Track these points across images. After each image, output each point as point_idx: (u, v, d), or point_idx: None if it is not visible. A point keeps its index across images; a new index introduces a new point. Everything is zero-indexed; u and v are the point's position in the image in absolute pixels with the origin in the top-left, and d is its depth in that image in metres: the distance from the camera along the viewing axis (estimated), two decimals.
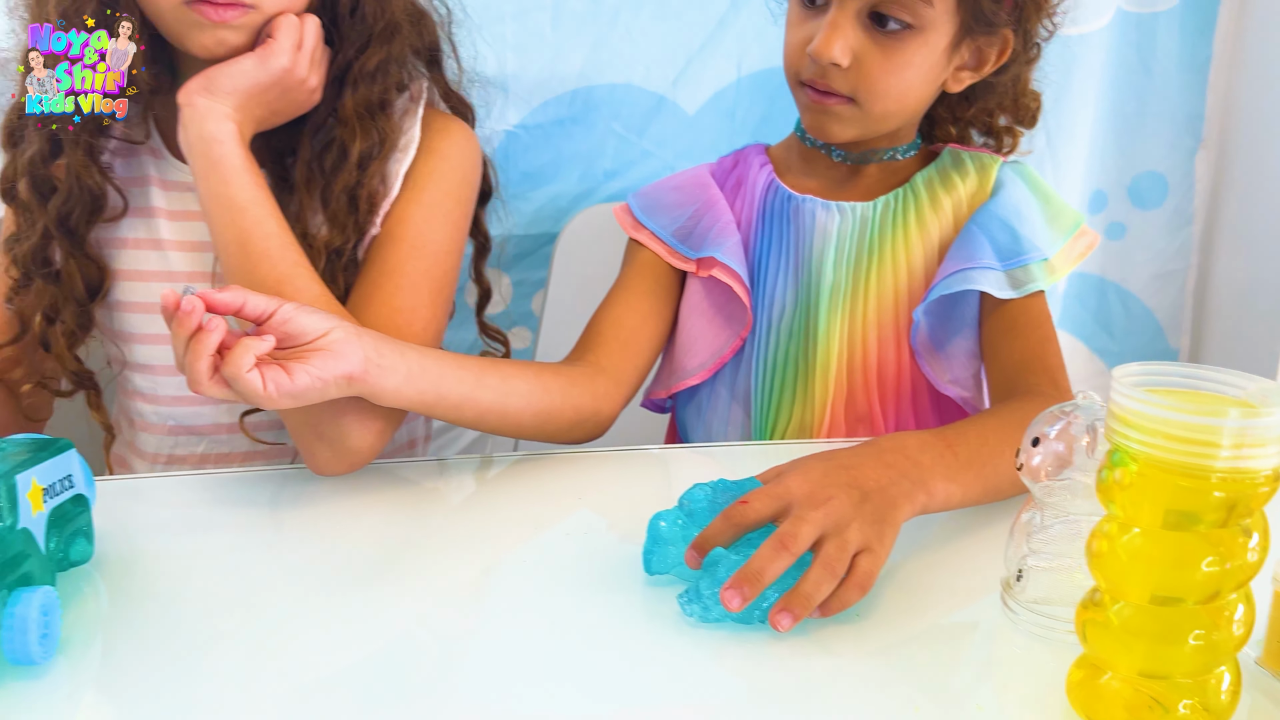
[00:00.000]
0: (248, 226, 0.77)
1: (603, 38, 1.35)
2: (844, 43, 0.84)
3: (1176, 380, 0.49)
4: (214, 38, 0.78)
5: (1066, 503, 0.58)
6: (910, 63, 0.85)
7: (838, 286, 0.93)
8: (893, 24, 0.84)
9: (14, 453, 0.58)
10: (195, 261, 0.87)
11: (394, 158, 0.86)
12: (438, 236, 0.87)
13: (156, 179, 0.88)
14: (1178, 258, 1.61)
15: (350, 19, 0.84)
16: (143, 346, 0.87)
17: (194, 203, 0.87)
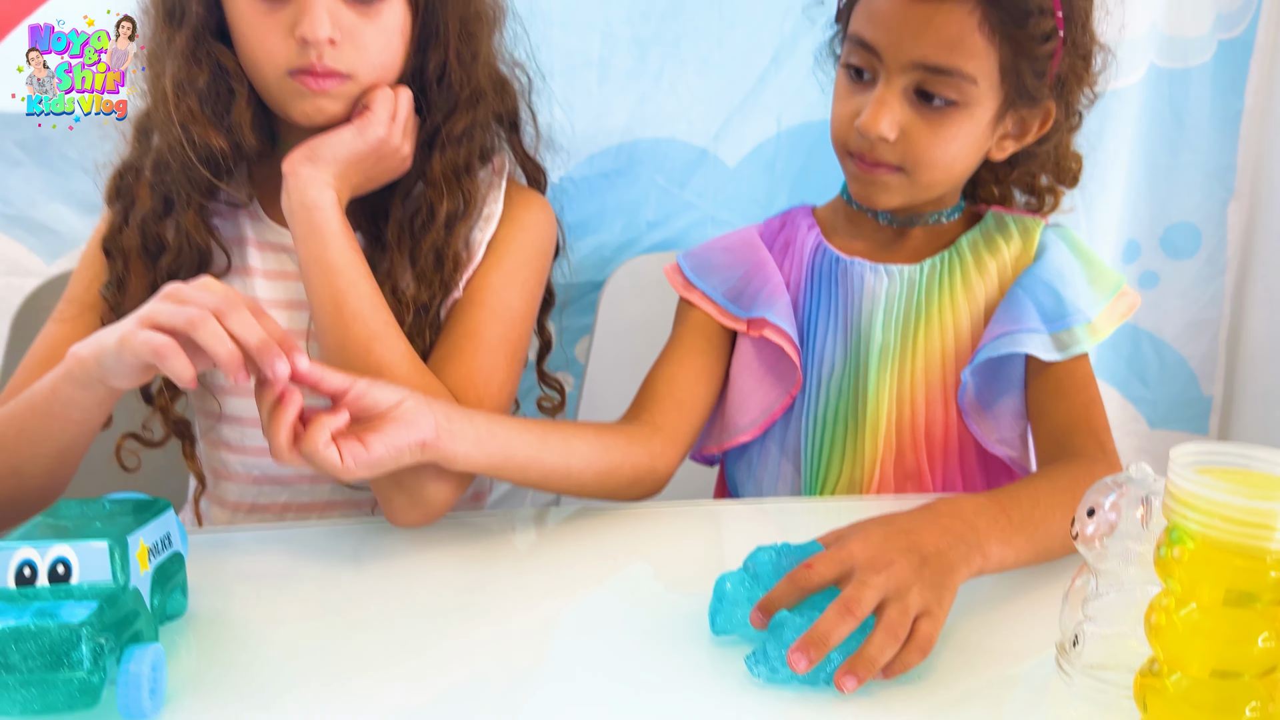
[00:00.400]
0: (343, 288, 0.81)
1: (647, 94, 1.39)
2: (891, 118, 0.87)
3: (1232, 460, 0.52)
4: (314, 106, 0.83)
5: (1120, 571, 0.61)
6: (956, 136, 0.88)
7: (887, 347, 0.95)
8: (938, 100, 0.87)
9: (122, 513, 0.61)
10: (289, 320, 0.91)
11: (478, 227, 0.90)
12: (515, 303, 0.91)
13: (254, 240, 0.92)
14: (1211, 307, 1.63)
15: (438, 87, 0.89)
16: (234, 399, 0.91)
17: (289, 264, 0.91)
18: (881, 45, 0.87)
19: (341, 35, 0.81)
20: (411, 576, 0.76)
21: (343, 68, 0.82)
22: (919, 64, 0.86)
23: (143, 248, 0.88)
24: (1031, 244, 0.97)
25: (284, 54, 0.81)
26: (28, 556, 0.56)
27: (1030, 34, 0.85)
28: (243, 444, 0.92)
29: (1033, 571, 0.76)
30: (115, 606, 0.56)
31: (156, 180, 0.88)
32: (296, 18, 0.80)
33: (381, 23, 0.84)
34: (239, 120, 0.85)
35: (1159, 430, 1.67)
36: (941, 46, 0.84)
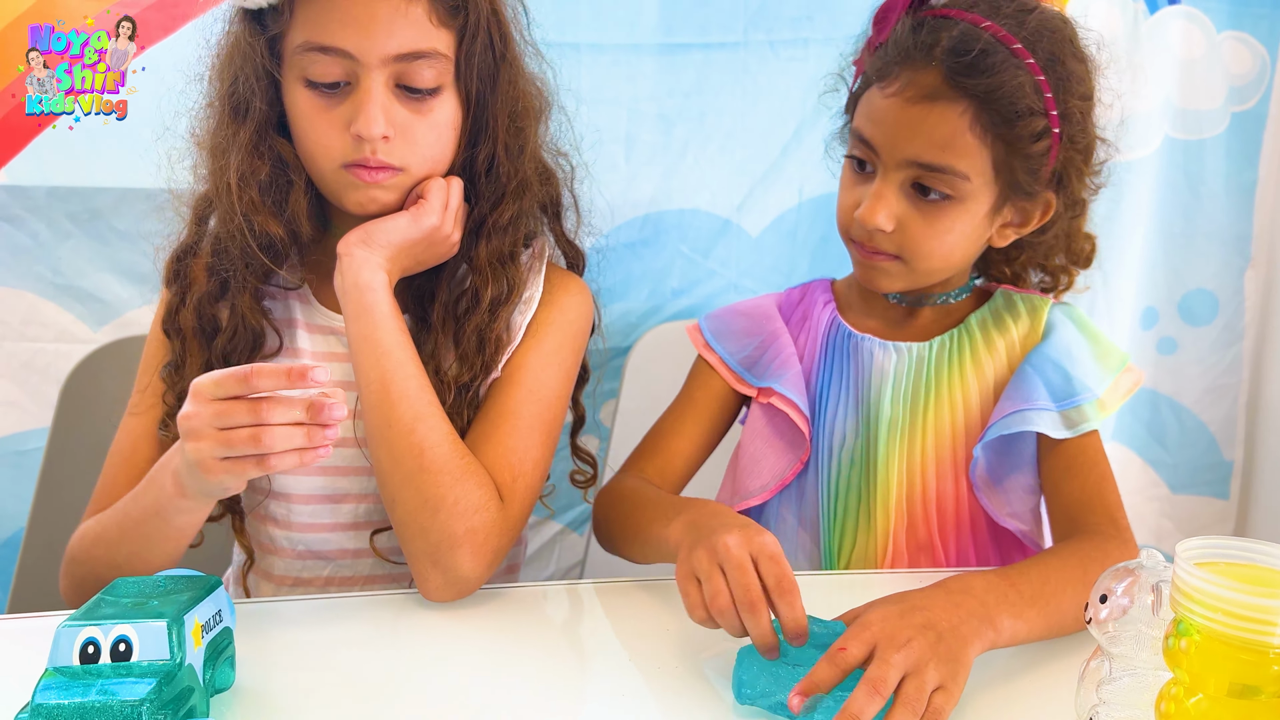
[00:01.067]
0: (390, 369, 0.85)
1: (673, 167, 1.44)
2: (888, 211, 0.91)
3: (1238, 554, 0.54)
4: (367, 196, 0.88)
5: (1133, 655, 0.63)
6: (952, 228, 0.92)
7: (895, 421, 0.98)
8: (934, 194, 0.90)
9: (176, 591, 0.65)
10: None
11: (518, 309, 0.94)
12: (552, 382, 0.94)
13: (303, 322, 0.96)
14: (1229, 372, 1.65)
15: (486, 178, 0.93)
16: (283, 476, 0.94)
17: (337, 345, 0.95)
18: (879, 142, 0.91)
19: (395, 131, 0.85)
20: (450, 648, 0.78)
21: (395, 162, 0.87)
22: (913, 161, 0.89)
23: (199, 329, 0.92)
24: (1039, 322, 1.00)
25: (340, 148, 0.86)
26: (91, 635, 0.59)
27: (1021, 134, 0.88)
28: (289, 519, 0.95)
29: (1047, 650, 0.78)
30: (172, 683, 0.59)
31: (215, 264, 0.92)
32: (353, 114, 0.84)
33: (433, 118, 0.88)
34: (296, 210, 0.89)
35: (1180, 495, 1.68)
36: (934, 146, 0.88)
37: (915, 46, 0.89)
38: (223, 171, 0.88)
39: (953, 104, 0.87)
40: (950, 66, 0.87)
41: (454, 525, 0.83)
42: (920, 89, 0.88)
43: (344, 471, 0.94)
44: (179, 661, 0.60)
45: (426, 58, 0.86)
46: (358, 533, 0.95)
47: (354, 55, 0.84)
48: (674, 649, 0.80)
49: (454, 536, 0.82)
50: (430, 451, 0.83)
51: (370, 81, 0.84)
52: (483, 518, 0.84)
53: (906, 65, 0.89)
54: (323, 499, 0.94)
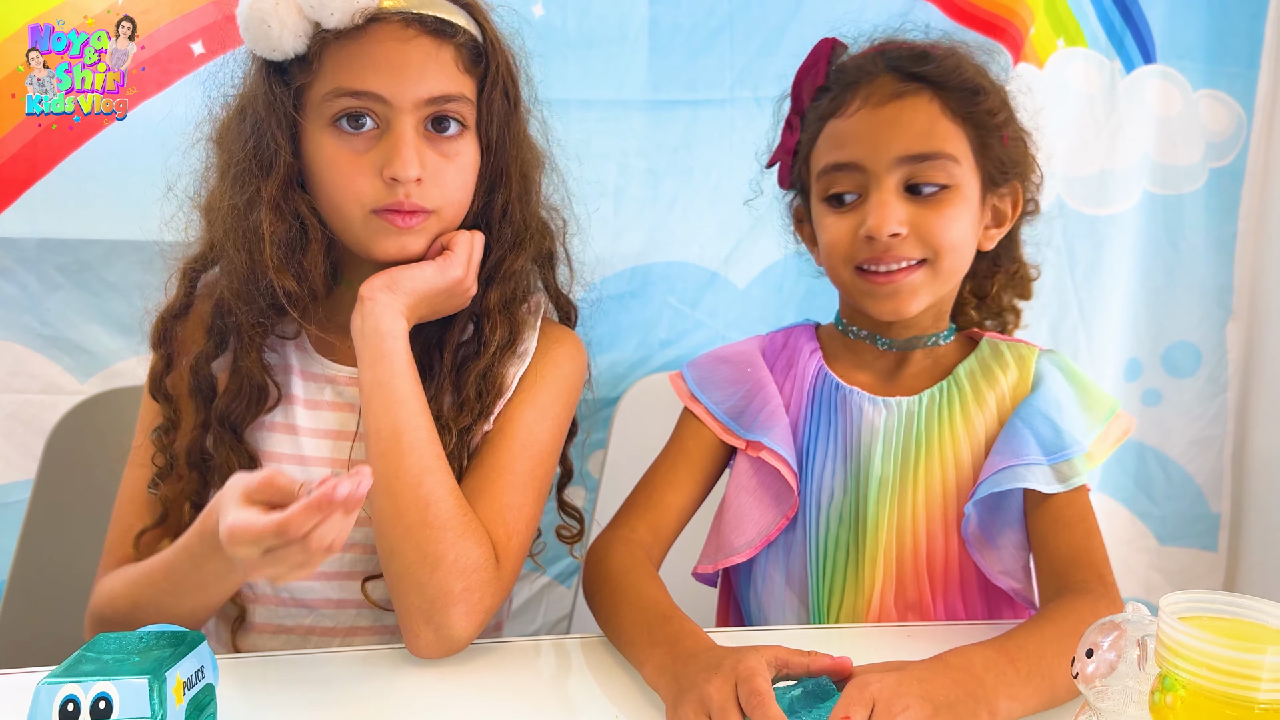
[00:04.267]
0: (404, 418, 0.84)
1: (660, 220, 1.45)
2: (896, 215, 0.90)
3: (1222, 609, 0.55)
4: (398, 244, 0.88)
5: (1121, 709, 0.62)
6: (958, 216, 0.93)
7: (886, 479, 0.97)
8: (930, 188, 0.92)
9: (158, 647, 0.64)
10: (326, 449, 0.94)
11: (512, 362, 0.94)
12: (546, 438, 0.94)
13: (298, 369, 0.95)
14: (1214, 424, 1.66)
15: (500, 225, 0.94)
16: None
17: (329, 394, 0.94)
18: (861, 158, 0.92)
19: (426, 175, 0.86)
20: (437, 704, 0.77)
21: (428, 205, 0.87)
22: (904, 158, 0.90)
23: (195, 389, 0.91)
24: (1028, 373, 1.00)
25: (371, 193, 0.86)
26: (71, 693, 0.59)
27: (982, 110, 0.93)
28: None
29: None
30: None
31: (216, 323, 0.92)
32: (386, 158, 0.85)
33: (459, 162, 0.89)
34: (312, 266, 0.89)
35: (1169, 547, 1.68)
36: (918, 136, 0.91)
37: (859, 67, 0.94)
38: (237, 230, 0.88)
39: (917, 95, 0.91)
40: (899, 67, 0.92)
41: (452, 583, 0.82)
42: (882, 94, 0.92)
43: None
44: (160, 718, 0.60)
45: (454, 101, 0.87)
46: (343, 582, 0.94)
47: (387, 99, 0.84)
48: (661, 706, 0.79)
49: (450, 594, 0.81)
50: (435, 506, 0.82)
51: (403, 125, 0.85)
52: (480, 577, 0.83)
53: (859, 83, 0.93)
54: None
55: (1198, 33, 1.56)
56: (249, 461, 0.91)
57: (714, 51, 1.42)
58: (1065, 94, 1.53)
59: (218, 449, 0.91)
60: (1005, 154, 0.95)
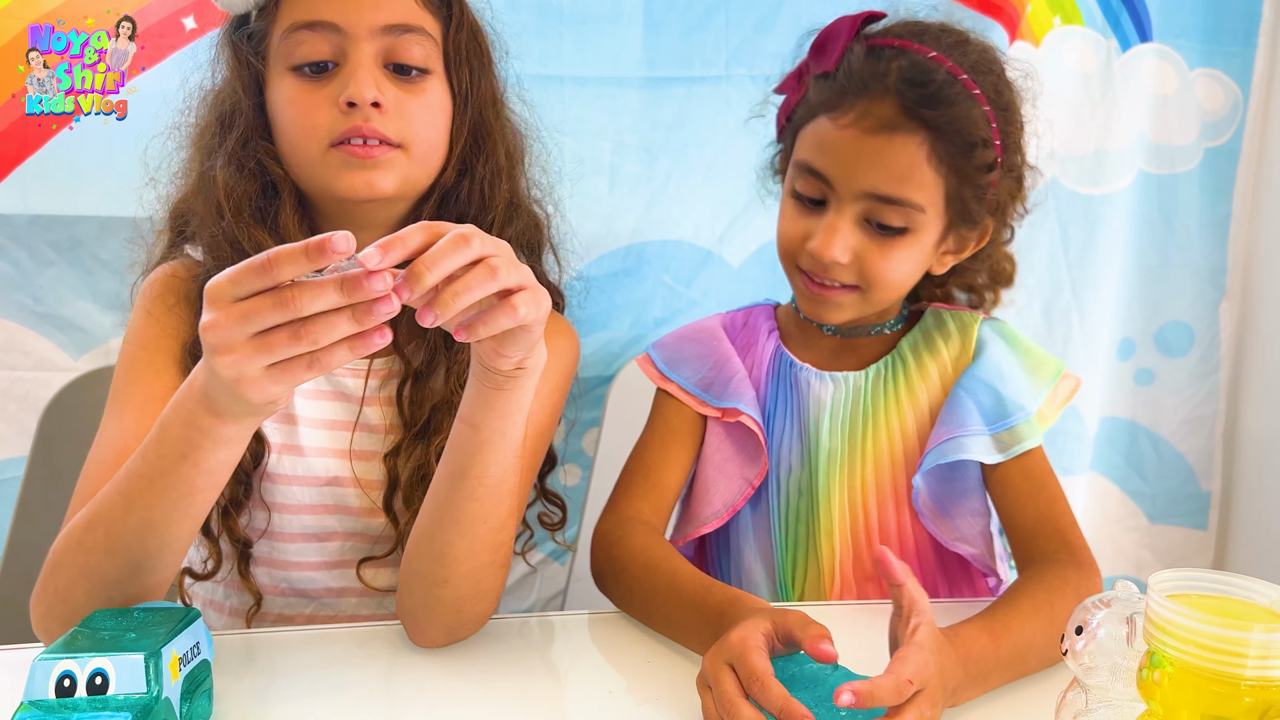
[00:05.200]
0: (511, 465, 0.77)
1: (655, 199, 1.45)
2: (843, 243, 0.90)
3: (1209, 586, 0.55)
4: (363, 180, 0.83)
5: (1109, 686, 0.63)
6: (906, 259, 0.92)
7: (834, 452, 0.98)
8: (885, 229, 0.90)
9: (154, 623, 0.64)
10: (328, 439, 0.93)
11: None
12: (544, 427, 0.94)
13: None
14: (1206, 403, 1.67)
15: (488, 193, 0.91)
16: (275, 515, 0.92)
17: (325, 383, 0.93)
18: (833, 175, 0.90)
19: (388, 104, 0.83)
20: (436, 681, 0.78)
21: (391, 134, 0.83)
22: (870, 194, 0.89)
23: (191, 352, 0.88)
24: (970, 340, 1.00)
25: (327, 124, 0.83)
26: (67, 668, 0.59)
27: (974, 164, 0.90)
28: (272, 556, 0.94)
29: (1024, 682, 0.78)
30: (149, 717, 0.59)
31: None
32: (342, 87, 0.82)
33: (425, 99, 0.86)
34: (287, 221, 0.86)
35: (1159, 525, 1.69)
36: (892, 178, 0.88)
37: (869, 76, 0.89)
38: (205, 190, 0.86)
39: (910, 135, 0.87)
40: (907, 97, 0.87)
41: (488, 607, 0.83)
42: (878, 120, 0.88)
43: (332, 510, 0.93)
44: (156, 695, 0.60)
45: (414, 32, 0.85)
46: (342, 571, 0.94)
47: (342, 27, 0.82)
48: (654, 677, 0.80)
49: (482, 615, 0.83)
50: (504, 547, 0.81)
51: (359, 53, 0.83)
52: (501, 588, 0.84)
53: (861, 95, 0.89)
54: (309, 537, 0.93)
55: (1194, 11, 1.55)
56: (256, 445, 0.90)
57: (709, 28, 1.41)
58: (1061, 73, 1.53)
59: None
60: (983, 201, 0.93)
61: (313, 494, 0.92)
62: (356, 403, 0.93)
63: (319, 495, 0.92)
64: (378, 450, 0.93)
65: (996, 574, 1.01)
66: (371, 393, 0.93)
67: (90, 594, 0.73)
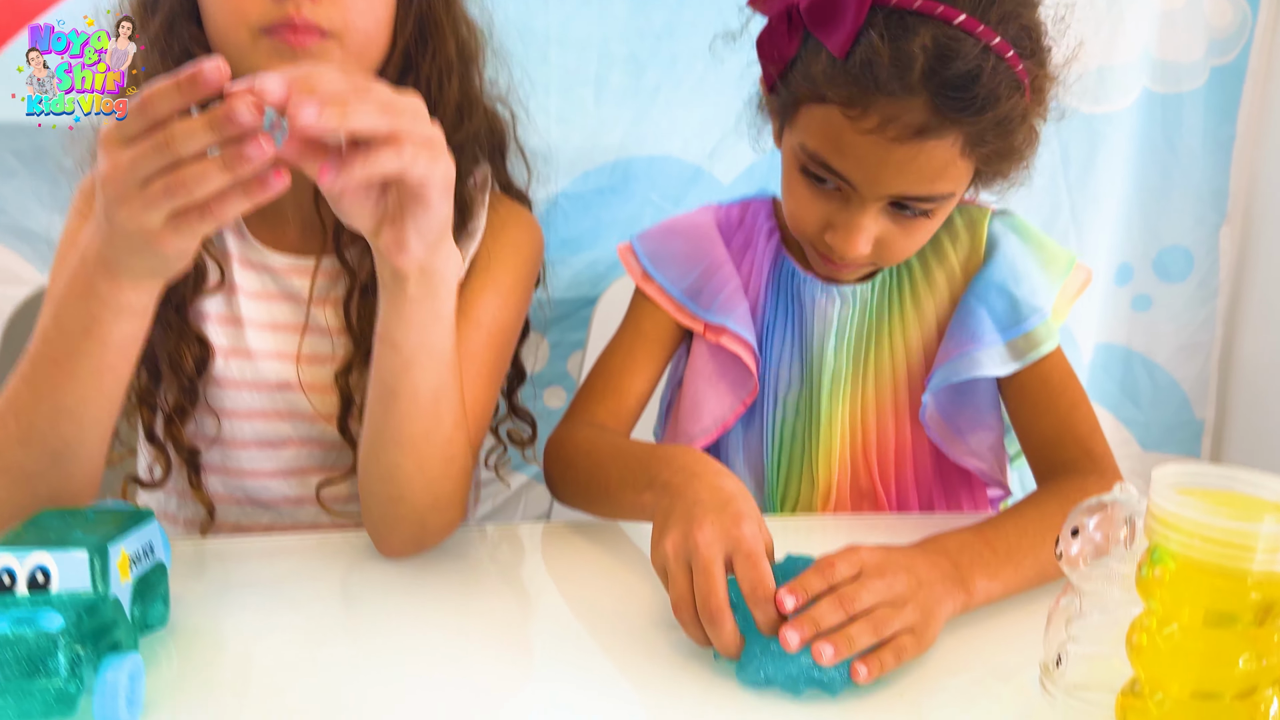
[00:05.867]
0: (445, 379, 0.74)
1: (643, 112, 1.40)
2: (868, 238, 0.83)
3: (1215, 481, 0.52)
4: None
5: (1104, 591, 0.61)
6: (928, 231, 0.86)
7: (839, 371, 0.94)
8: (911, 213, 0.83)
9: (103, 523, 0.61)
10: (275, 342, 0.89)
11: (462, 242, 0.87)
12: (508, 324, 0.89)
13: (237, 256, 0.89)
14: (1203, 330, 1.64)
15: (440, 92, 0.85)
16: (232, 422, 0.89)
17: (270, 284, 0.89)
18: (856, 180, 0.80)
19: None
20: (402, 590, 0.75)
21: (324, 23, 0.75)
22: (899, 196, 0.81)
23: None
24: (979, 240, 0.94)
25: (257, 11, 0.75)
26: (7, 564, 0.56)
27: (1010, 143, 0.80)
28: (224, 465, 0.90)
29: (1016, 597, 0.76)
30: (94, 615, 0.56)
31: None
32: None
33: None
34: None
35: (1151, 452, 1.67)
36: (923, 181, 0.79)
37: (890, 73, 0.74)
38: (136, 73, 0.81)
39: (943, 138, 0.76)
40: (938, 100, 0.75)
41: (453, 515, 0.80)
42: (905, 127, 0.76)
43: (285, 416, 0.89)
44: (102, 594, 0.57)
45: None
46: (299, 479, 0.91)
47: None
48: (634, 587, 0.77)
49: (448, 523, 0.80)
50: (458, 457, 0.77)
51: None
52: (467, 495, 0.81)
53: (883, 97, 0.75)
54: (262, 444, 0.90)
55: None
56: (199, 348, 0.86)
57: None
58: None
59: (166, 336, 0.86)
60: (1009, 160, 0.83)
61: (263, 399, 0.88)
62: (304, 304, 0.89)
63: (270, 401, 0.88)
64: (329, 354, 0.89)
65: (1004, 486, 0.98)
66: (320, 293, 0.89)
67: (11, 490, 0.70)
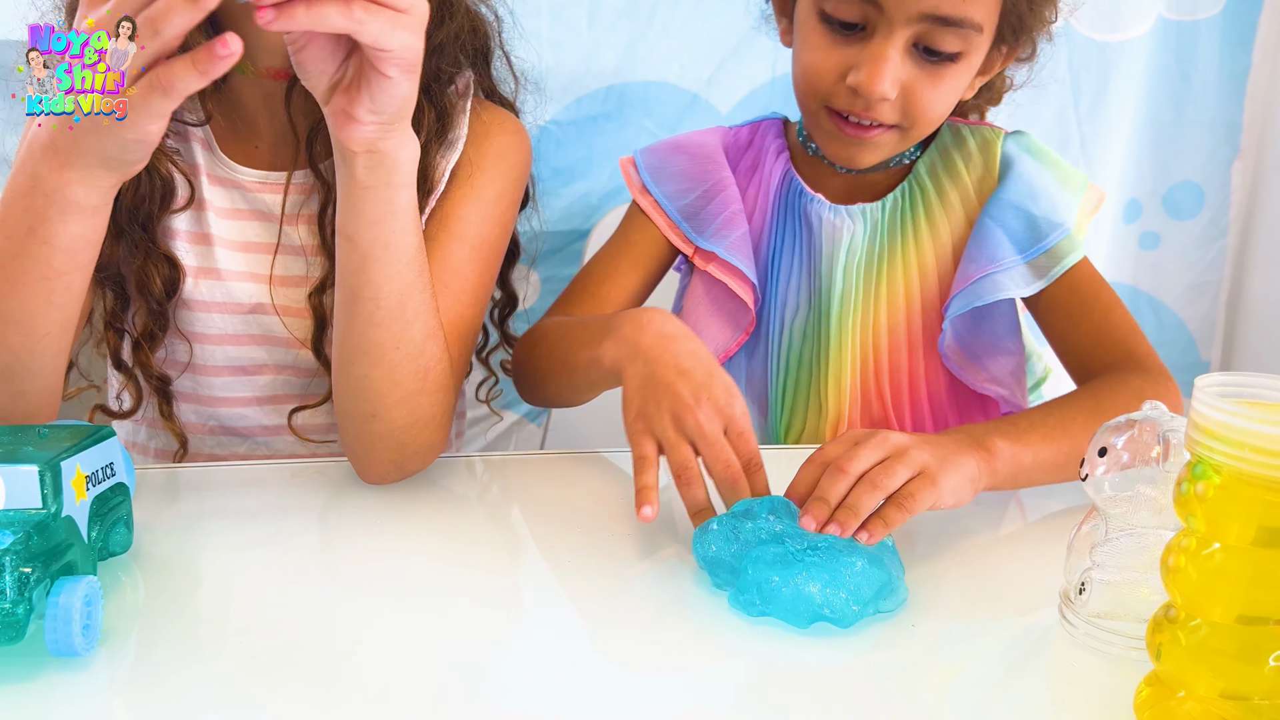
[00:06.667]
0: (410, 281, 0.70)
1: (639, 35, 1.34)
2: (894, 76, 0.80)
3: (1258, 392, 0.48)
4: None
5: (1132, 515, 0.57)
6: (955, 88, 0.83)
7: (848, 294, 0.91)
8: (938, 55, 0.80)
9: (58, 439, 0.57)
10: (247, 262, 0.84)
11: (442, 151, 0.82)
12: (493, 237, 0.85)
13: (205, 171, 0.84)
14: (1211, 269, 1.60)
15: None
16: (195, 346, 0.85)
17: (240, 201, 0.85)
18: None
19: None
20: (381, 521, 0.71)
21: None
22: (928, 15, 0.78)
23: None
24: (994, 161, 0.91)
25: None
26: None
27: None
28: (197, 392, 0.86)
29: (1037, 518, 0.72)
30: (44, 535, 0.51)
31: None
32: None
33: None
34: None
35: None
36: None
37: None
38: None
39: None
40: None
41: (434, 437, 0.76)
42: None
43: (259, 340, 0.85)
44: (53, 512, 0.53)
45: None
46: (275, 407, 0.87)
47: None
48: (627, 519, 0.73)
49: (429, 447, 0.76)
50: (433, 370, 0.73)
51: None
52: (450, 416, 0.77)
53: None
54: (235, 370, 0.85)
55: None
56: (169, 269, 0.82)
57: None
58: None
59: (133, 256, 0.81)
60: (1034, 10, 0.82)
61: (235, 322, 0.84)
62: (276, 221, 0.84)
63: (243, 324, 0.84)
64: (304, 275, 0.84)
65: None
66: (292, 209, 0.84)
67: None
